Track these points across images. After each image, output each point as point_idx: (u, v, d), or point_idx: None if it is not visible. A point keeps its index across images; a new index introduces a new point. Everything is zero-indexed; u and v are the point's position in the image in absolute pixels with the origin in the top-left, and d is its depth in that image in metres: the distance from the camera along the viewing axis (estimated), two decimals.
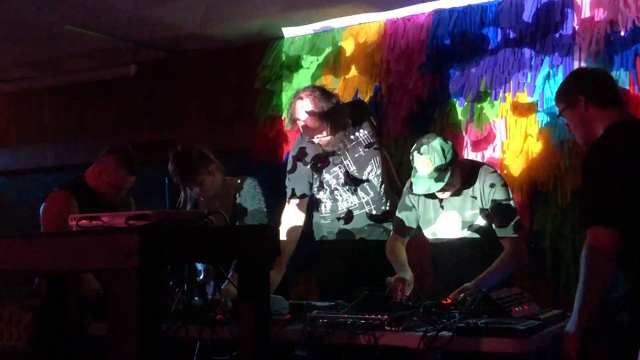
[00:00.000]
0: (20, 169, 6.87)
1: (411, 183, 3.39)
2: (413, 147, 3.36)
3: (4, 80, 6.66)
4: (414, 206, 3.54)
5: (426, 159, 3.26)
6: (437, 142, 3.29)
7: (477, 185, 3.39)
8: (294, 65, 5.32)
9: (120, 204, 3.97)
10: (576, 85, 2.90)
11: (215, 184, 3.78)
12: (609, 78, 3.04)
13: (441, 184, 3.27)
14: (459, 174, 3.36)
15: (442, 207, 3.45)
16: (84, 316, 3.34)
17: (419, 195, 3.46)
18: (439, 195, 3.41)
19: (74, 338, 3.27)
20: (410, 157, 3.36)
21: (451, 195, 3.41)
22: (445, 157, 3.25)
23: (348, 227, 3.79)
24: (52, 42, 5.60)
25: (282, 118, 5.26)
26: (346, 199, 3.78)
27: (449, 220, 3.43)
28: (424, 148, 3.28)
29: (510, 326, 2.56)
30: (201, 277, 3.65)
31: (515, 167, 4.41)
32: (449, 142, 3.35)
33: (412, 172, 3.36)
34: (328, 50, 5.20)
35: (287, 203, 3.91)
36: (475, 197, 3.38)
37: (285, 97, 5.30)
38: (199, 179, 3.70)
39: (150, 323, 1.76)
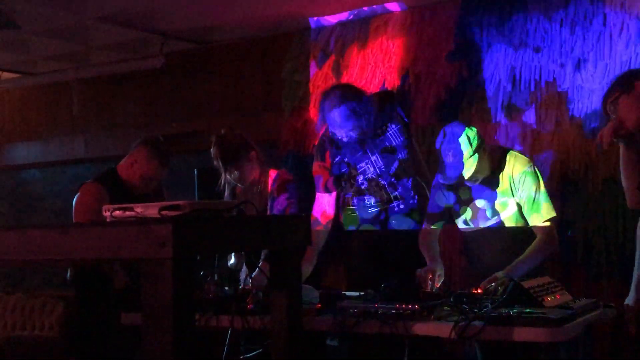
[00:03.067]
0: (50, 161, 6.95)
1: (439, 173, 3.36)
2: (438, 137, 3.33)
3: (34, 73, 6.74)
4: (444, 195, 3.51)
5: (451, 148, 3.22)
6: (461, 130, 3.25)
7: (506, 171, 3.34)
8: (321, 55, 5.31)
9: (153, 195, 3.99)
10: (634, 73, 2.93)
11: (253, 172, 3.84)
12: None
13: (469, 172, 3.23)
14: (487, 161, 3.32)
15: (471, 195, 3.42)
16: (116, 306, 3.37)
17: (448, 184, 3.43)
18: (468, 183, 3.37)
19: (106, 328, 3.30)
20: (437, 147, 3.33)
21: (480, 183, 3.37)
22: (471, 145, 3.21)
23: (376, 219, 3.79)
24: (81, 35, 5.65)
25: (309, 109, 5.27)
26: (373, 194, 3.77)
27: (479, 208, 3.40)
28: (448, 137, 3.25)
29: (543, 315, 2.54)
30: (232, 261, 3.67)
31: (546, 155, 4.37)
32: (473, 128, 3.29)
33: (439, 162, 3.33)
34: (355, 39, 5.19)
35: (316, 195, 3.92)
36: (505, 184, 3.34)
37: (312, 87, 5.30)
38: (238, 163, 3.78)
39: (184, 312, 1.77)
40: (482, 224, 3.41)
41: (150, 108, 6.39)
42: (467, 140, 3.21)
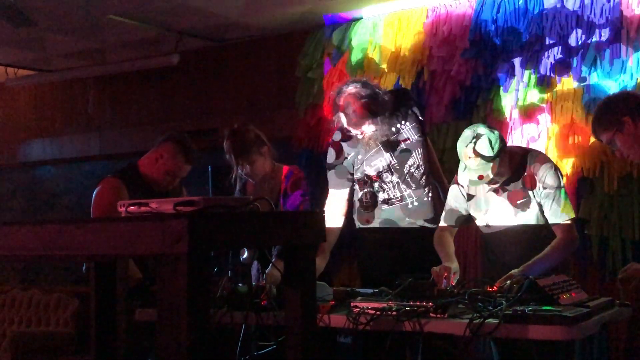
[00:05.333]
0: (65, 158, 6.99)
1: (460, 175, 3.34)
2: (460, 139, 3.29)
3: (50, 70, 6.77)
4: (463, 196, 3.49)
5: (473, 151, 3.20)
6: (484, 133, 3.22)
7: (527, 171, 3.32)
8: (335, 52, 5.31)
9: (172, 193, 3.98)
10: (618, 109, 3.02)
11: (265, 167, 3.85)
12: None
13: (490, 176, 3.21)
14: (508, 163, 3.30)
15: (492, 196, 3.40)
16: (131, 302, 3.38)
17: (467, 185, 3.42)
18: (489, 185, 3.36)
19: (121, 324, 3.31)
20: (458, 149, 3.30)
21: (501, 185, 3.36)
22: (492, 149, 3.18)
23: (389, 216, 3.78)
24: (97, 32, 5.68)
25: (323, 106, 5.26)
26: (387, 191, 3.76)
27: (501, 210, 3.38)
28: (470, 139, 3.21)
29: (559, 313, 2.52)
30: (245, 255, 3.67)
31: (561, 153, 4.34)
32: (495, 131, 3.27)
33: (460, 164, 3.31)
34: (370, 37, 5.18)
35: (329, 191, 3.91)
36: (526, 184, 3.32)
37: (327, 85, 5.29)
38: (251, 158, 3.79)
39: (199, 308, 1.78)
40: (504, 225, 3.39)
41: (165, 105, 6.41)
42: (489, 144, 3.19)
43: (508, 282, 2.94)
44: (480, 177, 3.23)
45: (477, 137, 3.21)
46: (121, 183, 3.84)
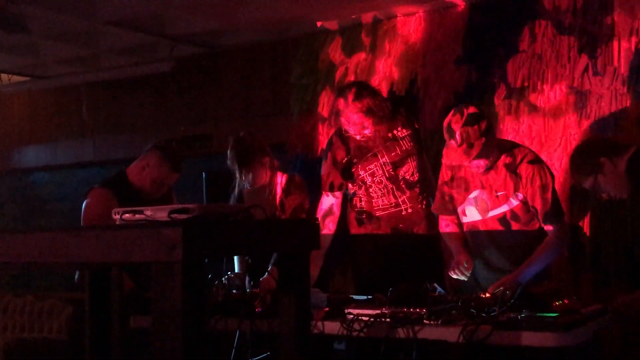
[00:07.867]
0: (59, 164, 6.98)
1: (444, 153, 3.30)
2: (447, 117, 3.28)
3: (44, 76, 6.77)
4: (444, 183, 3.49)
5: (459, 130, 3.19)
6: (470, 113, 3.21)
7: (512, 164, 3.29)
8: (330, 59, 5.32)
9: (162, 200, 3.98)
10: (593, 152, 3.11)
11: (265, 177, 3.86)
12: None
13: (473, 155, 3.19)
14: (496, 149, 3.28)
15: (473, 178, 3.39)
16: (125, 309, 3.37)
17: (452, 167, 3.39)
18: (471, 168, 3.33)
19: (115, 331, 3.31)
20: (444, 127, 3.27)
21: (483, 173, 3.32)
22: (479, 128, 3.18)
23: (384, 222, 3.78)
24: (91, 39, 5.68)
25: (317, 112, 5.27)
26: (381, 197, 3.77)
27: (479, 199, 3.36)
28: (457, 118, 3.21)
29: (551, 320, 2.54)
30: (237, 269, 3.68)
31: (554, 159, 4.36)
32: (483, 114, 3.27)
33: (445, 142, 3.28)
34: (364, 43, 5.19)
35: (322, 197, 3.92)
36: (509, 177, 3.29)
37: (321, 90, 5.31)
38: (251, 167, 3.80)
39: (194, 315, 1.78)
40: (483, 216, 3.37)
41: (159, 112, 6.42)
42: (475, 122, 3.19)
43: (501, 288, 2.95)
44: (462, 157, 3.21)
45: (463, 117, 3.20)
46: (111, 193, 3.82)
